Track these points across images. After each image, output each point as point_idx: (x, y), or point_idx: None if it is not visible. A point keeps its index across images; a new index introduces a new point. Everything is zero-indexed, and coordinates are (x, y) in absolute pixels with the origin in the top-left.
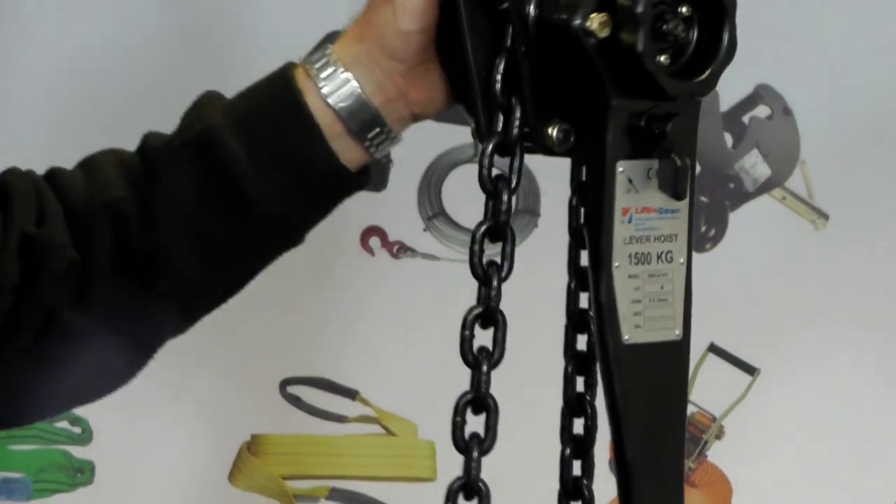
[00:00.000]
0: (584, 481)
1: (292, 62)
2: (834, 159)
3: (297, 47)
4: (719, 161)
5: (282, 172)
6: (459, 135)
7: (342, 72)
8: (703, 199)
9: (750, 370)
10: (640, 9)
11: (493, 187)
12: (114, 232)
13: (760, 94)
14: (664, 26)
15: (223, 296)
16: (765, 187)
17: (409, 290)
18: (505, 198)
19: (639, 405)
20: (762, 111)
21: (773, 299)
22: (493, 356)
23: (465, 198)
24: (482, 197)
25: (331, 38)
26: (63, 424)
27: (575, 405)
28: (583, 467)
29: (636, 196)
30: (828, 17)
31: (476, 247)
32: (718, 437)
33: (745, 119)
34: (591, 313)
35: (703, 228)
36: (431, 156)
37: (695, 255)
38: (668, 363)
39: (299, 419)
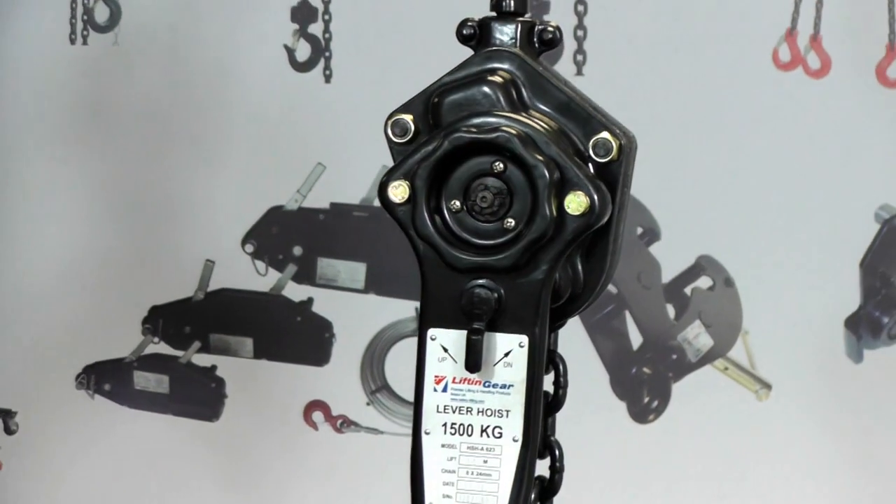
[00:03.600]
0: None
1: None
2: (776, 329)
3: None
4: (661, 332)
5: None
6: (401, 308)
7: None
8: (646, 370)
9: None
10: (417, 182)
11: None
12: None
13: (702, 266)
14: (456, 203)
15: None
16: (707, 358)
17: (353, 464)
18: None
19: None
20: (704, 282)
21: (717, 469)
22: None
23: (408, 371)
24: None
25: None
26: None
27: None
28: None
29: (454, 366)
30: (766, 189)
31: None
32: None
33: (688, 290)
34: None
35: (647, 400)
36: (374, 330)
37: (638, 426)
38: None
39: None
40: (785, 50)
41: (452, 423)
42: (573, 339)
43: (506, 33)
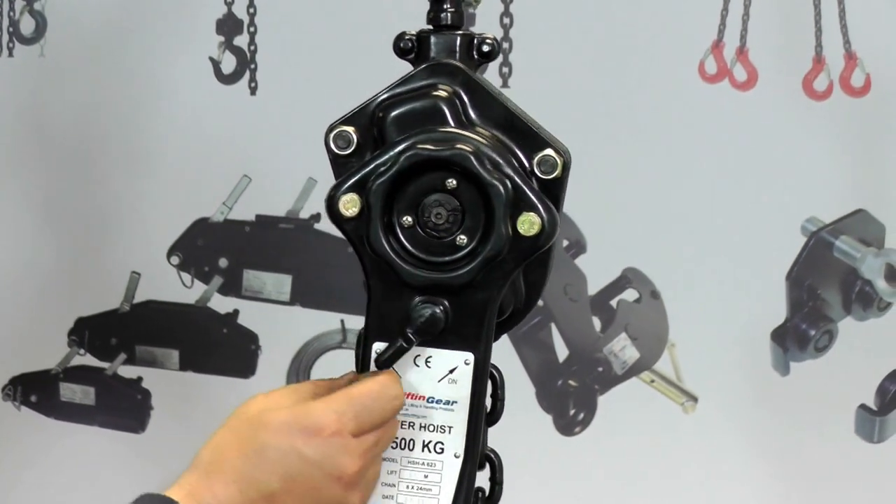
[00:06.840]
0: None
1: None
2: (702, 341)
3: None
4: (588, 345)
5: None
6: (327, 320)
7: None
8: (572, 382)
9: None
10: (372, 199)
11: None
12: None
13: (628, 278)
14: (412, 217)
15: None
16: (633, 370)
17: None
18: None
19: None
20: (630, 295)
21: (643, 482)
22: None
23: None
24: None
25: None
26: None
27: None
28: None
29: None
30: (693, 201)
31: None
32: None
33: (614, 303)
34: None
35: (572, 412)
36: (300, 342)
37: (564, 438)
38: None
39: None
40: (711, 62)
41: (394, 438)
42: (499, 351)
43: (446, 47)
